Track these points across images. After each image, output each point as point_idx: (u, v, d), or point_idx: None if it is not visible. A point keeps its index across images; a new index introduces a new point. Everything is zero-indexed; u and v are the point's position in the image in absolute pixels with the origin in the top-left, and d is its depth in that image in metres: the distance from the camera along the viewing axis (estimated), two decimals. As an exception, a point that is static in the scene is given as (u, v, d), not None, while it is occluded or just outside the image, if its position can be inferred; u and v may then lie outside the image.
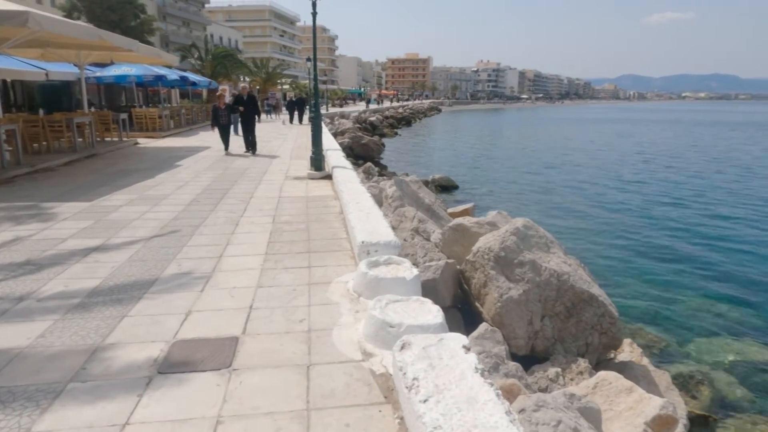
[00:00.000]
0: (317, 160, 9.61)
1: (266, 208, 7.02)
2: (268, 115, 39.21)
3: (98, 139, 15.17)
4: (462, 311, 6.04)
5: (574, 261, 6.30)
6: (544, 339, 5.22)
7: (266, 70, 56.53)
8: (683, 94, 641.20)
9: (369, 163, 18.40)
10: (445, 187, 21.42)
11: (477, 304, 5.65)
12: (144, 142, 17.30)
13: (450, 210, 9.54)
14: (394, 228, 7.07)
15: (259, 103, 14.86)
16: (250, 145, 13.64)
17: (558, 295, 5.27)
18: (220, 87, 40.27)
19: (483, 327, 4.74)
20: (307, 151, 10.72)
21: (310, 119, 9.33)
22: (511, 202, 19.10)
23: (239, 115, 13.57)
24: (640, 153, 35.41)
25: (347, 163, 9.91)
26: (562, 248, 6.23)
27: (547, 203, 18.93)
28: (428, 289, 5.03)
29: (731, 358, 6.91)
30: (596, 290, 5.48)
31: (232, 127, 14.33)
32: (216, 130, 13.57)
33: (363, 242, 4.33)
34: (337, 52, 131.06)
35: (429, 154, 34.10)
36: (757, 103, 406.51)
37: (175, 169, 10.89)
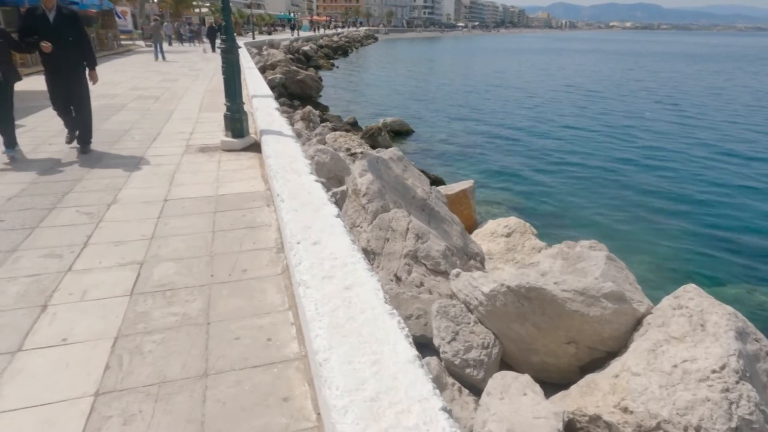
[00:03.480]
0: (235, 122, 6.14)
1: (131, 237, 3.68)
2: (190, 43, 33.72)
3: None
4: None
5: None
6: None
7: (178, -11, 48.59)
8: (611, 24, 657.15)
9: (309, 107, 14.76)
10: (399, 133, 18.34)
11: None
12: None
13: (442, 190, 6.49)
14: (371, 254, 4.02)
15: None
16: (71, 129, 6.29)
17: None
18: (120, 9, 33.63)
19: None
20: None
21: (221, 50, 5.69)
22: (473, 148, 16.57)
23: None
24: (593, 91, 33.52)
25: (284, 123, 6.49)
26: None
27: (508, 148, 16.65)
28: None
29: None
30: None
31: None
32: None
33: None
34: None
35: (372, 90, 30.33)
36: (679, 32, 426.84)
37: None
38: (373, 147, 14.58)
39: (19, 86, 5.89)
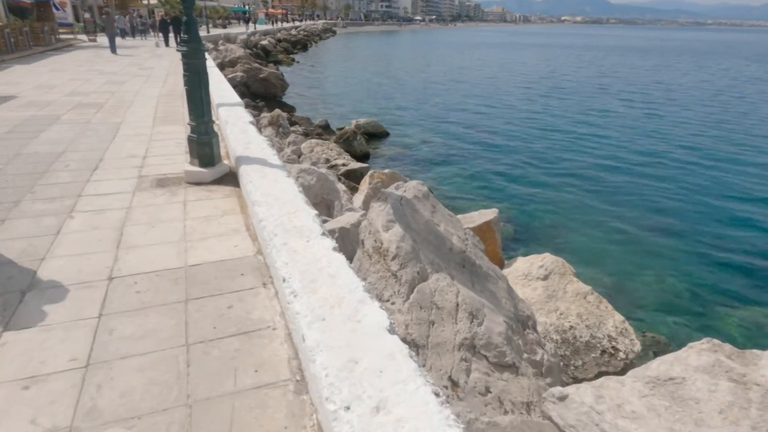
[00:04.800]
0: (203, 146, 4.73)
1: (50, 365, 2.32)
2: (142, 36, 31.19)
3: None
4: None
5: None
6: None
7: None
8: (562, 18, 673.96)
9: (278, 111, 13.25)
10: (373, 135, 17.11)
11: None
12: None
13: (463, 220, 5.22)
14: (413, 346, 2.82)
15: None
16: None
17: None
18: (58, 0, 30.73)
19: None
20: (186, 102, 5.85)
21: (182, 54, 4.26)
22: (452, 151, 15.66)
23: None
24: (559, 85, 33.16)
25: (266, 145, 5.11)
26: None
27: (486, 150, 15.81)
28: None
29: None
30: None
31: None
32: None
33: None
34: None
35: (338, 87, 28.88)
36: (626, 27, 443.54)
37: None
38: (349, 152, 13.28)
39: None
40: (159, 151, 5.88)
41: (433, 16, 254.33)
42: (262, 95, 18.61)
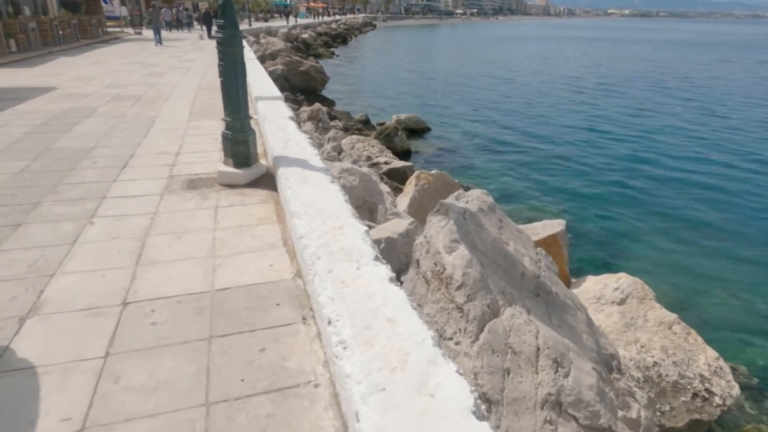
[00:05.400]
0: (239, 145, 4.25)
1: (41, 427, 1.83)
2: (188, 29, 31.65)
3: None
4: None
5: None
6: None
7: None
8: (609, 11, 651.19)
9: (318, 105, 12.81)
10: (414, 131, 16.50)
11: None
12: (-50, 77, 10.60)
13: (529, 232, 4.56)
14: (484, 400, 2.19)
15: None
16: None
17: None
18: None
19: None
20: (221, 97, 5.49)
21: (217, 41, 3.74)
22: (497, 147, 14.85)
23: None
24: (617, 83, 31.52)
25: (307, 144, 4.59)
26: None
27: (532, 146, 14.94)
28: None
29: None
30: None
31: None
32: None
33: None
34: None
35: (377, 81, 28.30)
36: (677, 20, 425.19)
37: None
38: (390, 148, 12.70)
39: None
40: (193, 147, 5.47)
41: (474, 10, 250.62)
42: (302, 89, 18.26)
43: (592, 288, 4.72)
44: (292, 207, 3.15)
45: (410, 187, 7.22)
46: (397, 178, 9.27)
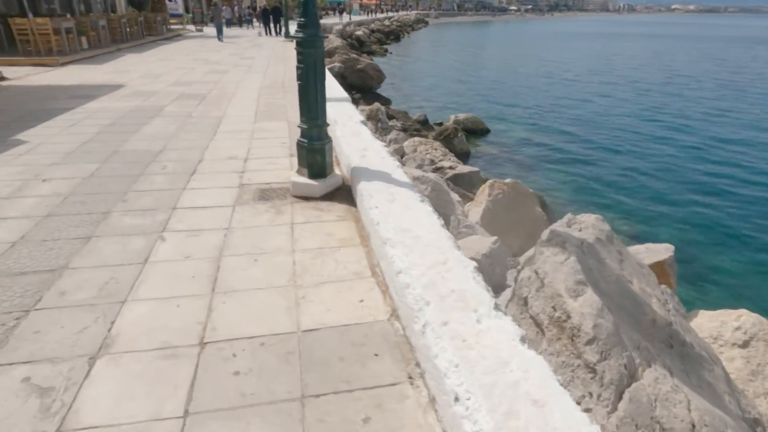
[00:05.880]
0: (315, 155, 3.92)
1: None
2: (248, 26, 32.28)
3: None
4: None
5: None
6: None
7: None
8: (673, 7, 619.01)
9: (377, 105, 12.48)
10: (473, 132, 15.92)
11: None
12: (27, 73, 10.96)
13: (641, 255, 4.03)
14: None
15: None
16: None
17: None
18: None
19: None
20: (287, 94, 5.24)
21: (297, 41, 3.37)
22: (560, 152, 14.07)
23: None
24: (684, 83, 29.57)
25: (386, 154, 4.22)
26: None
27: (596, 147, 14.08)
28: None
29: None
30: None
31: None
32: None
33: None
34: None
35: (432, 79, 27.73)
36: (748, 16, 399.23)
37: None
38: (450, 150, 12.21)
39: None
40: (261, 152, 5.20)
41: (529, 6, 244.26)
42: (358, 87, 18.01)
43: (707, 325, 4.11)
44: (384, 233, 2.77)
45: (482, 197, 6.73)
46: (462, 184, 8.78)
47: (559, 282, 2.48)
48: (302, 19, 3.64)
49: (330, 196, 3.96)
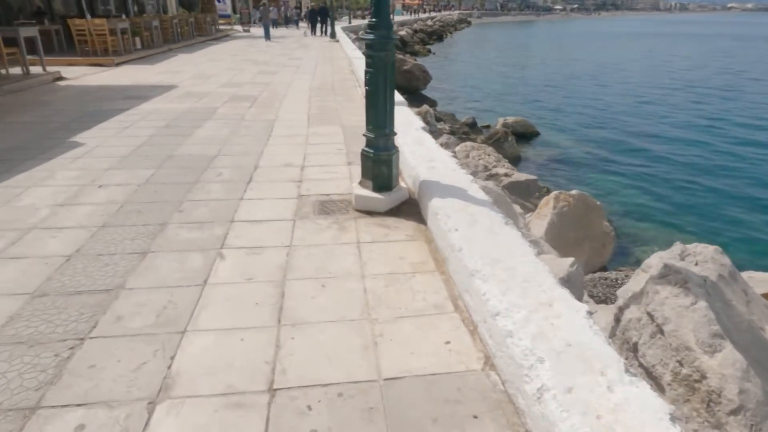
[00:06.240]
0: (381, 166, 3.61)
1: None
2: (295, 26, 32.69)
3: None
4: None
5: None
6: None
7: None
8: (729, 5, 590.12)
9: (426, 107, 12.13)
10: (522, 135, 15.33)
11: None
12: (84, 73, 11.17)
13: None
14: None
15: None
16: None
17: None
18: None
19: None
20: (337, 96, 5.00)
21: (367, 43, 3.05)
22: (617, 159, 13.30)
23: None
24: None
25: (456, 166, 3.88)
26: None
27: (657, 154, 13.21)
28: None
29: None
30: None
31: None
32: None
33: None
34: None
35: (475, 81, 27.10)
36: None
37: (44, 165, 5.02)
38: (503, 154, 11.73)
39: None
40: (317, 159, 4.95)
41: (575, 5, 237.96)
42: (404, 88, 17.69)
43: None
44: (470, 262, 2.43)
45: (546, 209, 6.29)
46: (519, 193, 8.33)
47: (687, 332, 2.08)
48: (373, 20, 3.34)
49: (396, 212, 3.66)
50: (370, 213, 3.64)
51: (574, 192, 6.49)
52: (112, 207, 3.72)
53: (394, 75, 3.53)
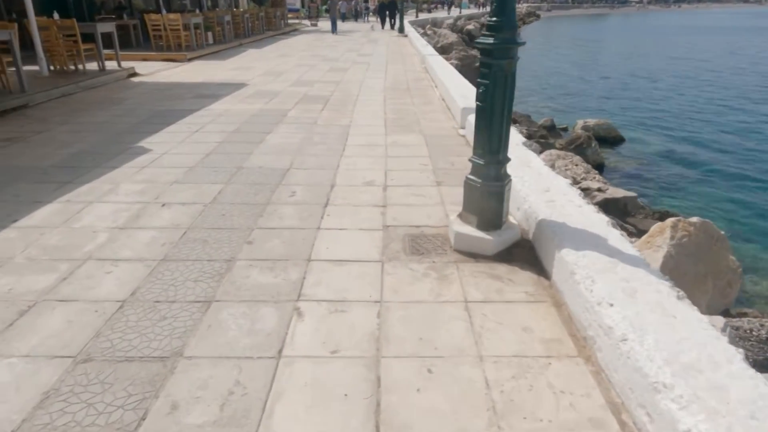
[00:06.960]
0: (491, 199, 2.92)
1: None
2: (364, 20, 32.47)
3: (58, 67, 9.33)
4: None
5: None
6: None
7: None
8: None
9: (504, 110, 11.20)
10: (605, 140, 14.07)
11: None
12: (157, 69, 11.16)
13: None
14: None
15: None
16: None
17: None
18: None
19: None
20: (414, 99, 4.46)
21: (482, 49, 2.36)
22: (715, 168, 11.81)
23: None
24: None
25: (581, 200, 3.15)
26: None
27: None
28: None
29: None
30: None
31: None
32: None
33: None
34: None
35: (548, 78, 25.59)
36: None
37: (94, 182, 4.68)
38: (586, 162, 10.66)
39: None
40: (401, 177, 4.32)
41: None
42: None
43: None
44: (648, 368, 1.71)
45: (661, 239, 5.34)
46: (614, 212, 7.35)
47: None
48: (494, 19, 2.65)
49: (506, 256, 2.96)
50: (473, 256, 2.97)
51: (694, 220, 5.48)
52: (175, 234, 3.26)
53: (514, 89, 2.82)
